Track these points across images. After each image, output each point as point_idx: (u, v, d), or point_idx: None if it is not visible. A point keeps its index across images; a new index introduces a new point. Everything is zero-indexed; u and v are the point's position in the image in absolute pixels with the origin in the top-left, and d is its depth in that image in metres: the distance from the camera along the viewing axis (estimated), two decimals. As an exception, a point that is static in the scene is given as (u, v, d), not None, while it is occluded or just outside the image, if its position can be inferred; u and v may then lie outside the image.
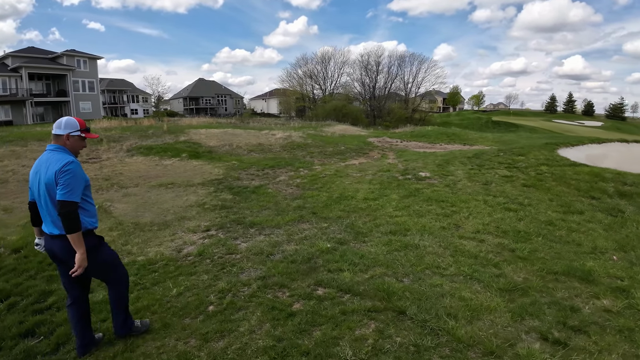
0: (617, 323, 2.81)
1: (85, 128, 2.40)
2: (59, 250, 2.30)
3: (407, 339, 2.49)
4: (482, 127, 44.24)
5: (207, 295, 3.22)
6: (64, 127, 2.33)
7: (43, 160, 2.31)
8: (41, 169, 2.28)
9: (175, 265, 3.99)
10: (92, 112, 39.80)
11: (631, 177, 6.92)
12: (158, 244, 4.73)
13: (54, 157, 2.26)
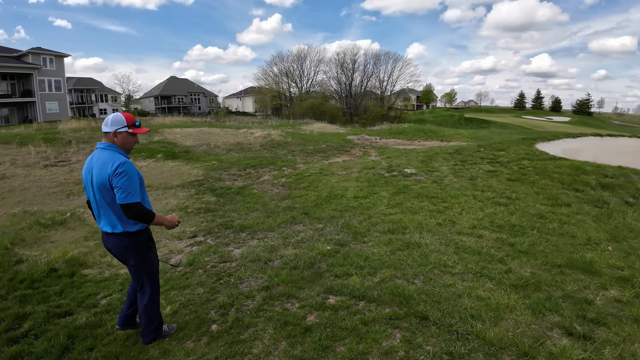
0: (631, 313, 2.80)
1: (132, 123, 2.32)
2: (112, 247, 2.38)
3: (438, 347, 2.34)
4: (455, 123, 45.44)
5: (207, 312, 2.89)
6: (110, 124, 2.28)
7: (94, 159, 2.27)
8: (93, 168, 2.24)
9: (164, 277, 3.63)
10: (59, 112, 37.41)
11: (611, 169, 7.14)
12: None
13: (104, 157, 2.22)
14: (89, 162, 2.29)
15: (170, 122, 22.43)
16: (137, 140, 2.38)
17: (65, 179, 8.39)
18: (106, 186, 2.17)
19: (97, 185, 2.20)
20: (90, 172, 2.25)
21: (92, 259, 4.07)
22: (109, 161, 2.18)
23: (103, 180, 2.17)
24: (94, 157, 2.28)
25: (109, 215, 2.26)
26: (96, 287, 3.39)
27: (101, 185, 2.18)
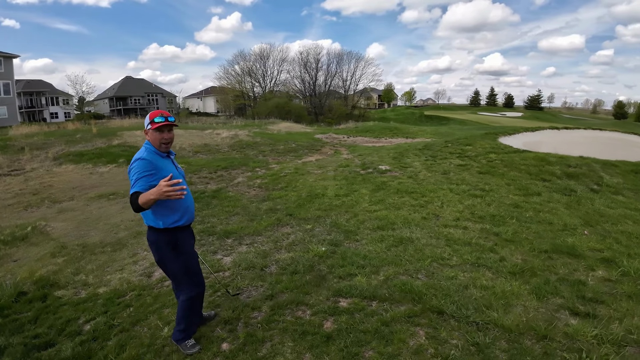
0: (622, 290, 2.96)
1: (152, 119, 2.28)
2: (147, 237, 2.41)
3: (463, 340, 2.32)
4: (416, 121, 47.05)
5: (212, 329, 2.64)
6: (145, 123, 2.35)
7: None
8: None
9: (152, 294, 3.31)
10: (8, 117, 33.83)
11: (573, 159, 7.64)
12: (118, 268, 3.96)
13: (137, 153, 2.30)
14: None
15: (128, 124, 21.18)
16: (166, 136, 2.30)
17: (20, 189, 7.57)
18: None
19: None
20: None
21: (64, 278, 3.65)
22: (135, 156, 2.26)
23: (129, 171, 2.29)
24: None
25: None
26: (75, 310, 3.02)
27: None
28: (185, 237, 2.41)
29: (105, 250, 4.49)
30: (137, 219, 5.76)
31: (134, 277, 3.69)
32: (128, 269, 3.92)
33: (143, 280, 3.63)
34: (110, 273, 3.82)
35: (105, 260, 4.17)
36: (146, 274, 3.79)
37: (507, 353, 2.22)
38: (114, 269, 3.93)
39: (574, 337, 2.34)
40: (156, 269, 3.93)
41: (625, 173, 6.68)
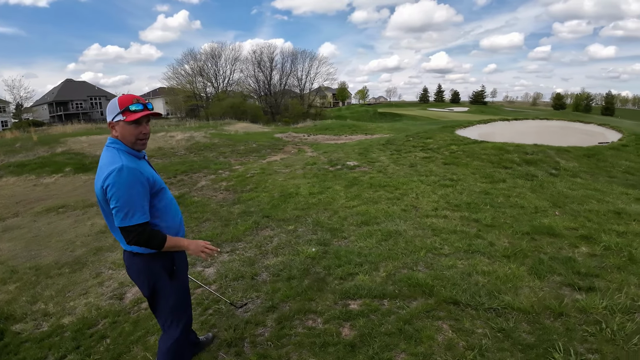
0: (610, 262, 3.11)
1: (126, 107, 1.69)
2: (127, 267, 1.87)
3: (487, 328, 2.26)
4: (371, 118, 48.13)
5: (214, 354, 2.28)
6: (108, 113, 1.75)
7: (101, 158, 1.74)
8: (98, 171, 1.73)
9: (129, 320, 2.85)
10: None
11: (528, 147, 8.12)
12: (82, 292, 3.42)
13: (104, 158, 1.70)
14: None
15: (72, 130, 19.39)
16: (144, 130, 1.74)
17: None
18: (104, 198, 1.65)
19: (97, 191, 1.69)
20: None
21: (20, 308, 3.07)
22: (106, 165, 1.63)
23: (99, 191, 1.66)
24: (101, 157, 1.73)
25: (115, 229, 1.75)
26: (40, 348, 2.52)
27: (99, 196, 1.68)
28: (182, 257, 1.95)
29: (62, 271, 3.90)
30: (93, 233, 5.12)
31: (102, 301, 3.20)
32: (93, 291, 3.41)
33: (115, 304, 3.14)
34: (73, 298, 3.28)
35: (64, 284, 3.59)
36: (116, 296, 3.29)
37: (533, 334, 2.20)
38: (76, 293, 3.39)
39: (587, 310, 2.39)
40: (128, 289, 3.45)
41: (578, 157, 7.22)
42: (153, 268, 1.76)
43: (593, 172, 6.58)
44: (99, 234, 5.07)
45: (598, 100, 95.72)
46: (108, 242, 4.79)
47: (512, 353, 2.04)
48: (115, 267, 4.01)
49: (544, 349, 2.04)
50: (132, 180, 1.59)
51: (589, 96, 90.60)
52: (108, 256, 4.32)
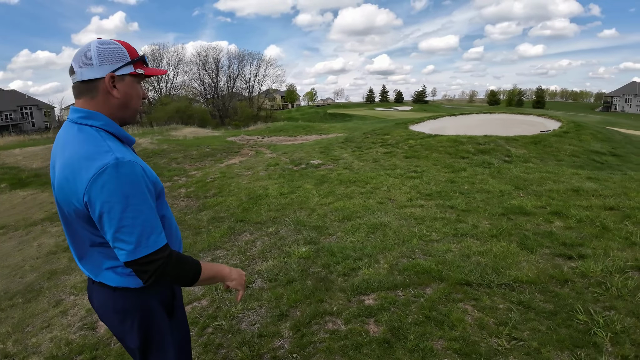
0: (588, 232, 3.39)
1: (140, 57, 1.12)
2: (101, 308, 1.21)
3: (508, 303, 2.32)
4: (322, 119, 48.65)
5: None
6: (97, 60, 1.05)
7: (59, 144, 1.09)
8: (57, 159, 1.07)
9: (112, 354, 2.42)
10: None
11: (480, 138, 8.68)
12: (44, 325, 2.89)
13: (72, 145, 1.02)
14: (53, 150, 1.13)
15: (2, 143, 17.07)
16: (145, 95, 1.22)
17: None
18: (79, 210, 1.02)
19: (61, 199, 1.07)
20: (53, 172, 1.11)
21: None
22: (84, 158, 0.98)
23: (72, 199, 1.01)
24: (59, 141, 1.10)
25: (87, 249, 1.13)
26: None
27: (69, 203, 1.04)
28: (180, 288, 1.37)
29: (15, 302, 3.29)
30: (43, 255, 4.46)
31: (71, 334, 2.71)
32: (57, 323, 2.90)
33: (88, 336, 2.66)
34: (35, 333, 2.75)
35: (20, 317, 3.03)
36: (87, 326, 2.81)
37: (550, 302, 2.30)
38: (37, 327, 2.86)
39: (588, 274, 2.57)
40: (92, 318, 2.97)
41: (526, 145, 7.86)
42: (146, 306, 1.17)
43: (542, 157, 7.21)
44: (49, 255, 4.42)
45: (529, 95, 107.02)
46: (61, 263, 4.20)
47: (540, 322, 2.11)
48: (76, 291, 3.49)
49: (566, 313, 2.15)
50: (136, 182, 1.00)
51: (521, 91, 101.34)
52: (65, 280, 3.77)
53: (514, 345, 1.94)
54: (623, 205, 3.88)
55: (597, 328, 1.96)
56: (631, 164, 7.10)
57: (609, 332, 1.92)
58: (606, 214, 3.66)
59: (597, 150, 7.52)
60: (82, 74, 1.06)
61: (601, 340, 1.89)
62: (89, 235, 1.07)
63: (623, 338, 1.89)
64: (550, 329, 2.01)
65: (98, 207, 0.95)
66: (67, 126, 1.08)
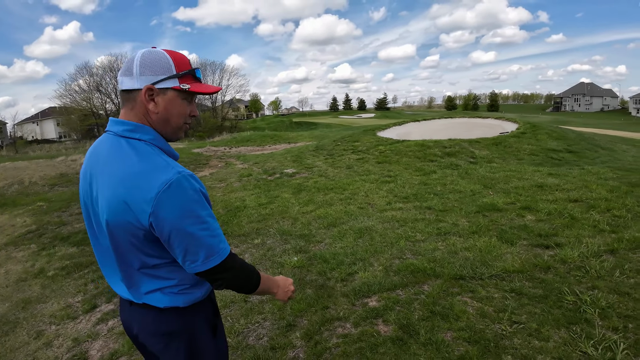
0: (558, 224, 3.72)
1: (190, 70, 1.05)
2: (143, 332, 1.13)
3: (502, 292, 2.49)
4: (288, 128, 48.67)
5: None
6: (139, 70, 1.00)
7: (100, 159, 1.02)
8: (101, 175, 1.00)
9: None
10: None
11: (445, 142, 9.16)
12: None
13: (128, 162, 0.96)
14: (87, 162, 1.08)
15: None
16: (194, 112, 1.13)
17: None
18: (136, 229, 0.96)
19: (111, 219, 0.98)
20: (90, 187, 1.06)
21: None
22: (144, 176, 0.94)
23: (128, 218, 0.95)
24: (100, 155, 1.04)
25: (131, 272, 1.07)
26: None
27: (123, 222, 0.97)
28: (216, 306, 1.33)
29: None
30: (12, 283, 4.10)
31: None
32: (43, 356, 2.68)
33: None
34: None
35: (0, 352, 2.78)
36: (79, 357, 2.63)
37: (539, 288, 2.52)
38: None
39: (567, 260, 2.84)
40: (89, 345, 2.75)
41: (488, 146, 8.40)
42: (193, 326, 1.13)
43: (504, 157, 7.74)
44: (18, 282, 4.08)
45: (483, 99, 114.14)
46: (34, 291, 3.89)
47: (534, 306, 2.30)
48: (57, 320, 3.24)
49: (555, 296, 2.36)
50: (198, 194, 0.99)
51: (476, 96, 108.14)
52: (42, 309, 3.50)
53: (516, 328, 2.11)
54: (586, 197, 4.31)
55: (585, 306, 2.19)
56: (587, 159, 7.82)
57: (597, 309, 2.15)
58: (572, 206, 4.04)
59: (554, 148, 8.22)
60: (122, 83, 1.03)
61: (591, 316, 2.11)
62: (141, 257, 1.03)
63: (610, 312, 2.12)
64: (544, 311, 2.21)
65: (167, 224, 0.93)
66: (110, 140, 1.04)
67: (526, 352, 1.89)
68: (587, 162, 7.73)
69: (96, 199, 1.03)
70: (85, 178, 1.07)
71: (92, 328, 3.05)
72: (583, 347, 1.89)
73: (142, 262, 1.03)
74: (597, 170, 6.18)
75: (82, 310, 3.38)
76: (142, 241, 0.99)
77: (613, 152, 9.59)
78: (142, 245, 1.00)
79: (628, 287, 2.37)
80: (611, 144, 10.86)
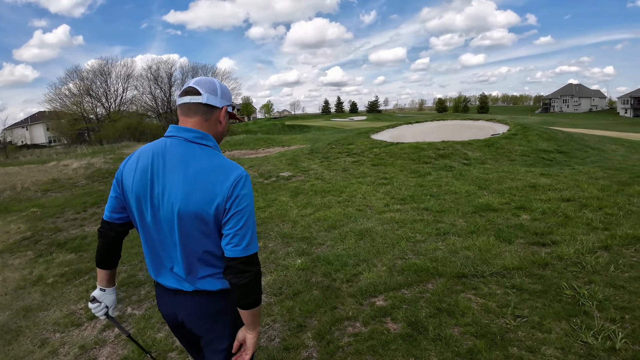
0: (553, 222, 3.85)
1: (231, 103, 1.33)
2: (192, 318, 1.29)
3: (503, 288, 2.59)
4: (280, 131, 48.62)
5: None
6: (220, 94, 1.26)
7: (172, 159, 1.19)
8: (171, 173, 1.17)
9: None
10: None
11: (439, 144, 9.31)
12: None
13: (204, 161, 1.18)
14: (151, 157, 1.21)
15: None
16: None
17: None
18: (207, 214, 1.14)
19: (184, 209, 1.15)
20: (156, 179, 1.19)
21: None
22: (220, 169, 1.16)
23: (203, 206, 1.14)
24: (173, 156, 1.19)
25: (194, 262, 1.22)
26: None
27: (198, 210, 1.14)
28: None
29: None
30: (10, 291, 4.06)
31: None
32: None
33: None
34: None
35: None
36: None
37: (538, 283, 2.62)
38: None
39: (563, 257, 2.96)
40: (97, 352, 2.73)
41: (480, 147, 8.57)
42: (234, 304, 1.24)
43: (496, 158, 7.92)
44: (17, 290, 4.04)
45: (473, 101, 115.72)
46: (34, 298, 3.86)
47: (535, 300, 2.41)
48: (61, 328, 3.21)
49: (554, 291, 2.47)
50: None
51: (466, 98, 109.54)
52: (44, 317, 3.47)
53: (519, 322, 2.20)
54: (578, 196, 4.46)
55: (583, 299, 2.30)
56: (577, 159, 8.04)
57: (594, 301, 2.26)
58: (565, 205, 4.18)
59: (545, 149, 8.43)
60: (208, 98, 1.22)
61: (589, 309, 2.22)
62: (208, 244, 1.19)
63: (607, 305, 2.23)
64: (545, 305, 2.31)
65: (234, 206, 1.13)
66: (181, 143, 1.21)
67: (530, 343, 1.99)
68: (578, 162, 7.94)
69: (160, 194, 1.18)
70: (145, 175, 1.20)
71: (98, 335, 3.02)
72: (584, 337, 1.98)
73: (206, 249, 1.19)
74: (587, 170, 6.37)
75: (86, 317, 3.34)
76: (212, 229, 1.17)
77: (602, 152, 9.86)
78: (211, 233, 1.17)
79: (623, 281, 2.49)
80: (600, 144, 11.15)
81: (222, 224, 1.15)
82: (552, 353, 1.90)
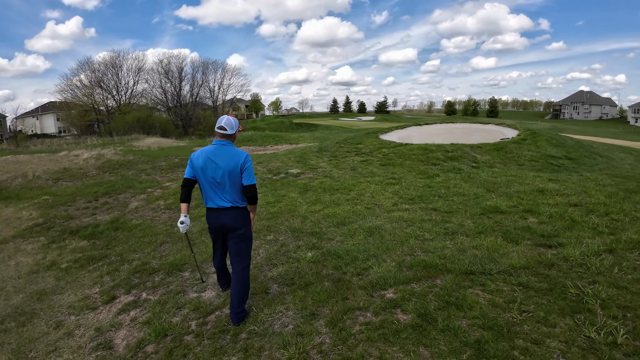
0: (559, 226, 3.93)
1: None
2: (231, 219, 2.80)
3: (510, 285, 2.70)
4: (288, 129, 48.81)
5: None
6: (235, 127, 2.81)
7: (219, 151, 2.77)
8: (219, 158, 2.74)
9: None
10: None
11: (448, 146, 9.36)
12: (50, 350, 2.75)
13: (231, 151, 2.78)
14: (209, 153, 2.76)
15: None
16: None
17: None
18: (236, 172, 2.72)
19: (228, 170, 2.70)
20: (213, 161, 2.73)
21: None
22: (239, 154, 2.78)
23: (235, 167, 2.72)
24: (217, 150, 2.77)
25: (233, 193, 2.74)
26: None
27: (232, 171, 2.71)
28: None
29: (7, 327, 3.10)
30: (24, 274, 4.22)
31: (87, 356, 2.62)
32: (65, 346, 2.77)
33: (107, 357, 2.59)
34: (42, 359, 2.65)
35: (18, 343, 2.85)
36: (103, 346, 2.71)
37: (544, 282, 2.71)
38: (42, 352, 2.71)
39: (569, 259, 3.05)
40: (113, 334, 2.85)
41: (489, 151, 8.61)
42: (248, 216, 2.88)
43: (505, 162, 7.96)
44: (31, 274, 4.19)
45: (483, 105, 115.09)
46: (48, 282, 3.99)
47: (540, 297, 2.50)
48: (76, 311, 3.31)
49: (560, 289, 2.57)
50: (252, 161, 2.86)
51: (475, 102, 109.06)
52: (58, 300, 3.58)
53: (525, 316, 2.29)
54: (585, 202, 4.52)
55: (587, 298, 2.39)
56: (585, 166, 8.08)
57: (598, 300, 2.35)
58: (572, 210, 4.25)
59: (553, 154, 8.46)
60: (229, 131, 2.78)
61: (593, 307, 2.31)
62: (238, 182, 2.74)
63: (610, 303, 2.32)
64: (550, 301, 2.40)
65: (245, 167, 2.75)
66: (220, 146, 2.77)
67: (536, 336, 2.08)
68: (586, 169, 7.96)
69: (217, 166, 2.71)
70: (207, 159, 2.74)
71: (114, 318, 3.13)
72: (587, 332, 2.08)
73: (238, 185, 2.76)
74: (595, 176, 6.40)
75: (101, 301, 3.46)
76: (239, 176, 2.74)
77: (611, 160, 9.85)
78: (239, 176, 2.75)
79: (626, 282, 2.58)
80: (609, 152, 11.14)
81: (241, 173, 2.73)
82: (556, 345, 1.99)
